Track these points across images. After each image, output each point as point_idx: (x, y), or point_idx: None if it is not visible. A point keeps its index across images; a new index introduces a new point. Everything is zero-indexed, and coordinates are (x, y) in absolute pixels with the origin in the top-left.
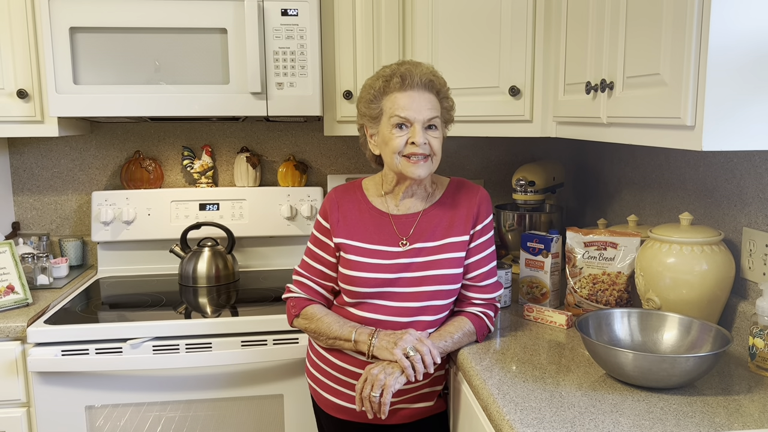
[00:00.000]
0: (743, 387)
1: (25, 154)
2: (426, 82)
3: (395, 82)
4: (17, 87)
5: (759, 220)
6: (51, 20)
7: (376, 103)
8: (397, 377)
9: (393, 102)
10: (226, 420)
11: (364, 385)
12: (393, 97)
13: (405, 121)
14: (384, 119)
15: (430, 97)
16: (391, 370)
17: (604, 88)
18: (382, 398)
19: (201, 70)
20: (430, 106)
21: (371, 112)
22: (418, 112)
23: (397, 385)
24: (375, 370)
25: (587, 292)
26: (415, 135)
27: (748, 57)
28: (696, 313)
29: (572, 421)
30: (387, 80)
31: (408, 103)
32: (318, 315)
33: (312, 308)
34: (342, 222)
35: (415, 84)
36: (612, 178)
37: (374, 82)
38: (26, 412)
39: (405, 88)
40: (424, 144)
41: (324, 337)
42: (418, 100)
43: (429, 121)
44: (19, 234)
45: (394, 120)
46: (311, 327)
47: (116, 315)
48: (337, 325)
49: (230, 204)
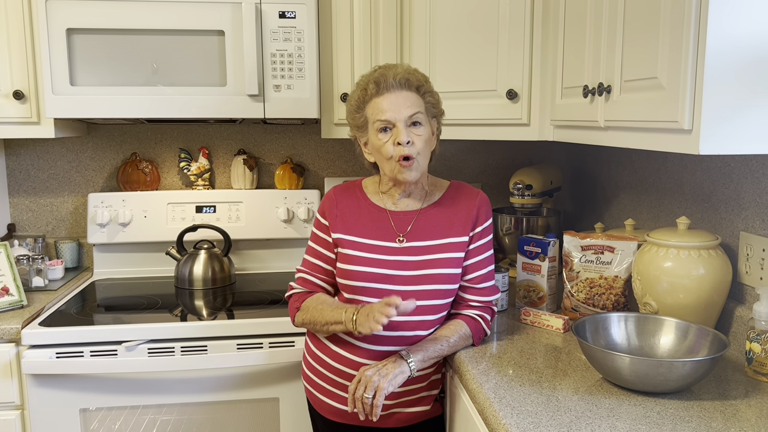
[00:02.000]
0: (740, 392)
1: (21, 155)
2: (402, 81)
3: (371, 88)
4: (13, 88)
5: (756, 225)
6: (48, 21)
7: (360, 113)
8: (391, 380)
9: (374, 108)
10: (221, 423)
11: (357, 386)
12: (373, 103)
13: (387, 123)
14: (370, 127)
15: (408, 95)
16: (386, 371)
17: (601, 92)
18: (375, 400)
19: (198, 72)
20: (410, 104)
21: (357, 122)
22: (398, 112)
23: (391, 387)
24: (369, 372)
25: (584, 296)
26: (398, 135)
27: (745, 61)
28: (693, 317)
29: (569, 425)
30: (364, 89)
31: (387, 105)
32: (313, 304)
33: (309, 300)
34: (340, 218)
35: (390, 86)
36: (609, 182)
37: (355, 92)
38: (20, 415)
39: (381, 92)
40: (408, 143)
41: (319, 325)
42: (395, 101)
43: (411, 117)
44: (15, 236)
45: (377, 125)
46: (307, 318)
47: (111, 317)
48: (330, 309)
49: (227, 206)
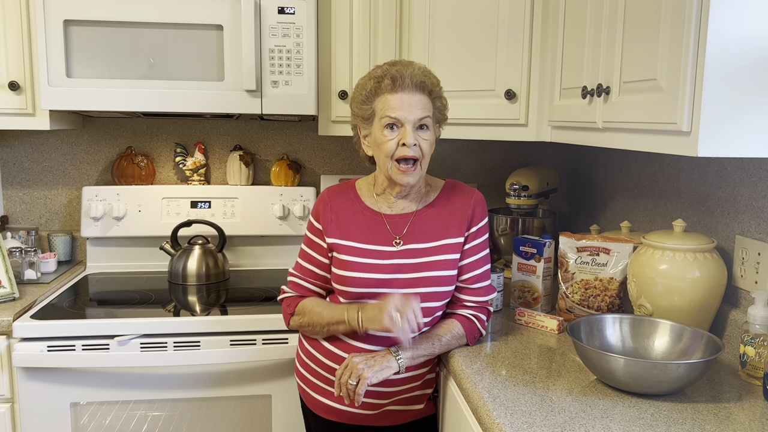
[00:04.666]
0: (733, 395)
1: (15, 147)
2: (417, 83)
3: (386, 83)
4: (9, 79)
5: (752, 229)
6: (45, 12)
7: (368, 104)
8: (376, 371)
9: (384, 103)
10: (213, 420)
11: (344, 371)
12: (384, 98)
13: (396, 121)
14: (376, 120)
15: (421, 98)
16: (373, 362)
17: (600, 93)
18: (357, 388)
19: (196, 66)
20: (421, 107)
21: (363, 113)
22: (409, 113)
23: (374, 378)
24: (357, 359)
25: (579, 297)
26: (405, 136)
27: (745, 63)
28: (687, 320)
29: (562, 425)
30: (378, 81)
31: (399, 104)
32: (309, 307)
33: (303, 303)
34: (335, 222)
35: (407, 86)
36: (606, 185)
37: (366, 82)
38: (10, 408)
39: (396, 90)
40: (414, 145)
41: (318, 327)
42: (408, 101)
43: (420, 121)
44: (7, 228)
45: (384, 121)
46: (305, 321)
47: (104, 311)
48: (328, 309)
49: (222, 202)
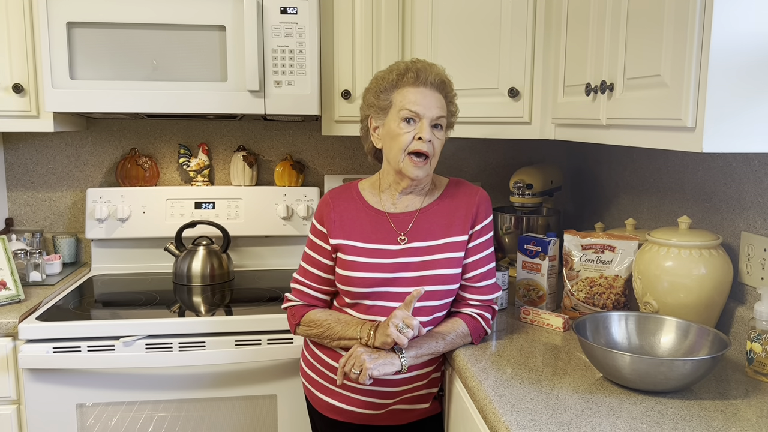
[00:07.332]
0: (740, 392)
1: (19, 149)
2: (438, 83)
3: (410, 76)
4: (13, 81)
5: (757, 225)
6: (48, 14)
7: (386, 95)
8: (379, 365)
9: (404, 96)
10: (218, 420)
11: (347, 360)
12: (405, 91)
13: (414, 115)
14: (393, 112)
15: (439, 97)
16: (377, 356)
17: (604, 90)
18: (359, 379)
19: (199, 67)
20: (440, 105)
21: (380, 103)
22: (428, 109)
23: (376, 372)
24: (360, 350)
25: (584, 295)
26: (422, 130)
27: (750, 59)
28: (693, 317)
29: (569, 423)
30: (401, 74)
31: (419, 98)
32: (319, 320)
33: (311, 314)
34: (338, 223)
35: (429, 82)
36: (610, 182)
37: (387, 74)
38: (16, 410)
39: (418, 84)
40: (429, 141)
41: (329, 340)
42: (429, 98)
43: (436, 119)
44: (13, 230)
45: (403, 113)
46: (314, 332)
47: (109, 313)
48: (341, 326)
49: (226, 203)
